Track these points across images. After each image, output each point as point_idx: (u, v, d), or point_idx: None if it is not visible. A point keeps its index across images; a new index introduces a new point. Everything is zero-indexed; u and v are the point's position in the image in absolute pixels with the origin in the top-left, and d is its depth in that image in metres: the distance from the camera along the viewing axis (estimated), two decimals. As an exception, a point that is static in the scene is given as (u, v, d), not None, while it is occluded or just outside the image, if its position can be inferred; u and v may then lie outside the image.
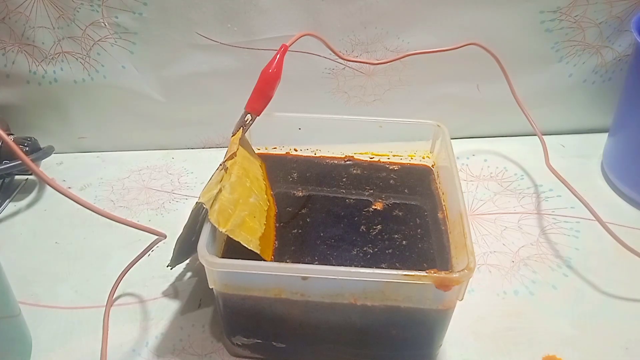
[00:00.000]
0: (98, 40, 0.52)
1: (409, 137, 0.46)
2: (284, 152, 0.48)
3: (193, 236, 0.36)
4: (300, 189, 0.44)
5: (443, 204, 0.42)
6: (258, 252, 0.34)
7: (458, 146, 0.44)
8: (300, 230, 0.40)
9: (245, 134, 0.41)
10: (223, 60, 0.54)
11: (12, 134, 0.53)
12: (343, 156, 0.48)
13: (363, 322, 0.34)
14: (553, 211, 0.51)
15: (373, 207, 0.42)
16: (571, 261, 0.45)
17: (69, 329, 0.40)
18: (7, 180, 0.54)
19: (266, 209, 0.40)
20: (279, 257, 0.37)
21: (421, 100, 0.57)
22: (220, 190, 0.35)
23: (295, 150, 0.49)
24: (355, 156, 0.48)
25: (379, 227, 0.40)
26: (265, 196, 0.41)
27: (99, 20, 0.51)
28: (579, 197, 0.49)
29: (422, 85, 0.56)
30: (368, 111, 0.58)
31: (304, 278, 0.32)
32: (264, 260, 0.34)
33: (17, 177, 0.55)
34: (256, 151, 0.46)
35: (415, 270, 0.31)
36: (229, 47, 0.53)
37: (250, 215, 0.36)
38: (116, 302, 0.41)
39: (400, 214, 0.41)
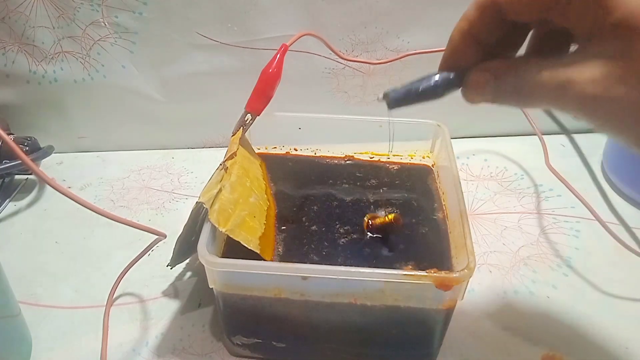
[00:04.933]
0: (98, 40, 0.52)
1: (409, 137, 0.46)
2: (284, 152, 0.48)
3: (193, 236, 0.36)
4: (300, 188, 0.44)
5: (443, 203, 0.42)
6: (258, 251, 0.34)
7: (458, 146, 0.44)
8: (300, 230, 0.40)
9: (245, 134, 0.41)
10: (223, 60, 0.54)
11: (12, 134, 0.53)
12: (343, 156, 0.48)
13: (363, 322, 0.34)
14: (553, 211, 0.51)
15: (373, 206, 0.42)
16: (571, 261, 0.45)
17: (69, 329, 0.40)
18: (7, 180, 0.54)
19: (266, 208, 0.40)
20: (278, 256, 0.37)
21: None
22: (220, 190, 0.35)
23: (295, 150, 0.49)
24: (355, 156, 0.48)
25: (378, 226, 0.40)
26: (265, 196, 0.41)
27: (99, 20, 0.51)
28: (579, 197, 0.49)
29: (422, 85, 0.56)
30: (368, 111, 0.58)
31: (304, 278, 0.32)
32: (264, 260, 0.34)
33: (17, 176, 0.55)
34: (256, 151, 0.46)
35: (416, 270, 0.31)
36: (229, 46, 0.53)
37: (250, 215, 0.36)
38: (116, 302, 0.41)
39: (400, 213, 0.41)
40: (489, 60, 0.28)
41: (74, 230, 0.49)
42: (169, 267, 0.40)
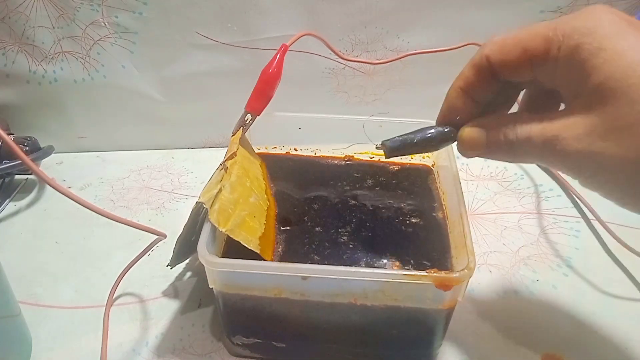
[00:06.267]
0: (98, 40, 0.52)
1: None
2: (284, 152, 0.48)
3: (193, 236, 0.36)
4: (300, 188, 0.44)
5: (443, 203, 0.42)
6: (258, 251, 0.34)
7: (458, 146, 0.44)
8: (300, 230, 0.40)
9: (245, 134, 0.41)
10: (223, 60, 0.54)
11: (12, 134, 0.53)
12: (343, 156, 0.48)
13: (363, 322, 0.34)
14: (553, 211, 0.51)
15: (373, 206, 0.42)
16: (571, 261, 0.45)
17: (69, 329, 0.40)
18: (7, 180, 0.54)
19: (266, 208, 0.40)
20: (278, 256, 0.37)
21: (421, 100, 0.57)
22: (220, 190, 0.35)
23: (295, 150, 0.49)
24: (355, 156, 0.48)
25: (379, 226, 0.40)
26: (265, 196, 0.41)
27: (99, 20, 0.51)
28: (579, 196, 0.49)
29: (422, 85, 0.56)
30: (368, 111, 0.58)
31: (304, 278, 0.32)
32: (264, 260, 0.34)
33: (17, 177, 0.55)
34: (256, 151, 0.46)
35: (416, 270, 0.31)
36: (229, 46, 0.53)
37: (250, 215, 0.36)
38: (116, 302, 0.41)
39: (400, 213, 0.41)
40: (482, 117, 0.30)
41: (74, 230, 0.49)
42: (169, 267, 0.40)
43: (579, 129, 0.25)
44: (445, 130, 0.31)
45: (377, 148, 0.34)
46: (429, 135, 0.32)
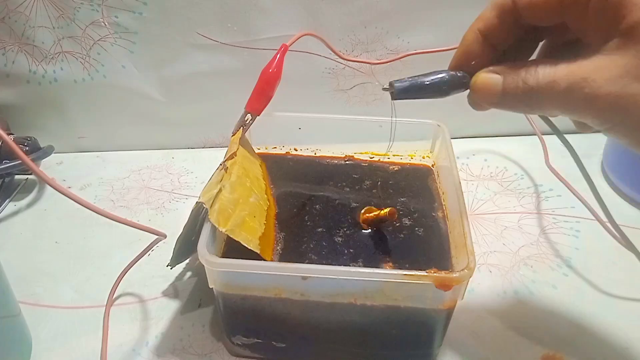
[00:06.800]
0: (98, 40, 0.52)
1: (409, 137, 0.46)
2: (284, 152, 0.48)
3: (193, 236, 0.36)
4: (300, 188, 0.44)
5: (443, 203, 0.42)
6: (258, 251, 0.34)
7: (458, 146, 0.44)
8: (300, 230, 0.40)
9: (246, 134, 0.41)
10: (223, 60, 0.54)
11: (12, 134, 0.53)
12: (343, 156, 0.48)
13: (363, 321, 0.34)
14: (553, 211, 0.51)
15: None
16: (571, 261, 0.45)
17: (69, 329, 0.40)
18: (7, 180, 0.54)
19: (266, 208, 0.40)
20: (278, 256, 0.37)
21: (421, 100, 0.57)
22: (220, 190, 0.35)
23: (295, 150, 0.49)
24: (355, 156, 0.48)
25: (378, 226, 0.40)
26: (265, 196, 0.41)
27: (99, 20, 0.51)
28: (579, 197, 0.49)
29: (422, 85, 0.56)
30: (368, 111, 0.58)
31: (304, 278, 0.32)
32: (264, 260, 0.34)
33: (17, 176, 0.55)
34: (256, 151, 0.46)
35: (415, 269, 0.31)
36: (229, 46, 0.53)
37: (250, 215, 0.36)
38: (116, 302, 0.41)
39: (400, 213, 0.41)
40: (498, 63, 0.28)
41: (74, 230, 0.49)
42: (169, 267, 0.40)
43: (613, 71, 0.23)
44: (458, 74, 0.29)
45: (383, 90, 0.32)
46: (440, 78, 0.30)
